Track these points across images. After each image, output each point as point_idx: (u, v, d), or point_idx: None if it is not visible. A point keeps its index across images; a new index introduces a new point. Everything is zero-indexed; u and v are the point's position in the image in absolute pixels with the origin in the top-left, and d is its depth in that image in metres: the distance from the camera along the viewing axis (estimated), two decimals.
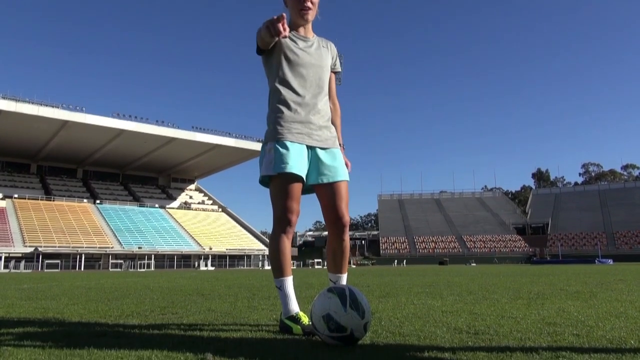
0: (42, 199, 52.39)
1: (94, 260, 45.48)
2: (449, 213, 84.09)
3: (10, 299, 4.67)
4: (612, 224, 71.19)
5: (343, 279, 2.41)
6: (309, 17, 2.38)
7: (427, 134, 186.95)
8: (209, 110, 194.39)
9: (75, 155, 58.38)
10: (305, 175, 2.31)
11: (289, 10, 2.41)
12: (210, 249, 51.89)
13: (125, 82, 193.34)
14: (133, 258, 46.98)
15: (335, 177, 2.34)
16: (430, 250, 73.02)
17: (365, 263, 66.62)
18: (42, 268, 40.37)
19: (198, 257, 51.32)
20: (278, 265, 2.27)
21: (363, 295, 1.94)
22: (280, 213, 2.25)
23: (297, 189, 2.26)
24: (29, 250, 41.50)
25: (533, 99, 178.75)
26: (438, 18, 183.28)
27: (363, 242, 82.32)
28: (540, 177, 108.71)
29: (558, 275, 9.74)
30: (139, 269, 42.32)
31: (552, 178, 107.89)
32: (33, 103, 47.00)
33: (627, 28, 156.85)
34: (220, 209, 66.02)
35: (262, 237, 60.58)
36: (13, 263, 40.07)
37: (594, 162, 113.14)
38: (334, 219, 2.33)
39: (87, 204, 54.53)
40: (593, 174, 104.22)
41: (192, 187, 70.77)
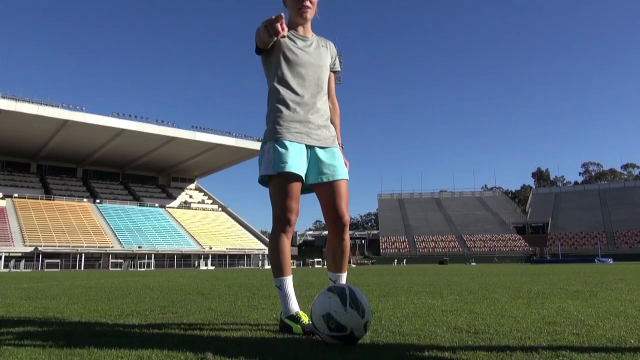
0: (42, 199, 52.40)
1: (94, 260, 45.50)
2: (449, 212, 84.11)
3: (11, 299, 4.67)
4: (612, 224, 71.22)
5: (343, 278, 2.41)
6: (308, 16, 2.38)
7: (427, 134, 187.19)
8: (209, 110, 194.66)
9: (75, 155, 58.39)
10: (305, 175, 2.30)
11: (288, 10, 2.41)
12: (210, 249, 51.91)
13: (125, 81, 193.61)
14: (133, 257, 47.01)
15: (335, 176, 2.33)
16: (430, 250, 73.03)
17: (365, 262, 66.60)
18: (42, 267, 40.41)
19: (198, 256, 51.35)
20: (278, 265, 2.27)
21: (363, 295, 1.94)
22: (280, 212, 2.25)
23: (296, 189, 2.26)
24: (29, 250, 41.53)
25: (533, 99, 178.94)
26: (438, 18, 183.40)
27: (363, 241, 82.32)
28: (540, 176, 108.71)
29: (558, 275, 9.74)
30: (139, 269, 42.36)
31: (552, 177, 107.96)
32: (33, 102, 46.99)
33: (627, 28, 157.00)
34: (220, 209, 66.03)
35: (262, 236, 60.59)
36: (13, 262, 40.10)
37: (594, 161, 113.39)
38: (334, 218, 2.32)
39: (87, 204, 54.55)
40: (593, 174, 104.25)
41: (192, 186, 70.79)
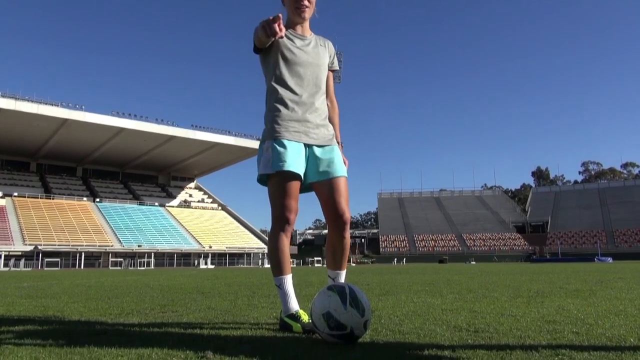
0: (41, 198, 52.36)
1: (94, 259, 45.50)
2: (449, 211, 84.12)
3: (11, 297, 4.68)
4: (611, 222, 71.25)
5: (342, 276, 2.41)
6: (306, 15, 2.38)
7: (426, 132, 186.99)
8: (209, 109, 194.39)
9: (75, 154, 58.34)
10: (304, 174, 2.30)
11: (286, 9, 2.41)
12: (210, 247, 51.92)
13: (125, 80, 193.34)
14: (133, 256, 47.02)
15: (334, 173, 2.33)
16: (430, 249, 73.08)
17: (365, 261, 66.62)
18: (42, 266, 40.43)
19: (198, 255, 51.35)
20: (277, 264, 2.27)
21: (363, 294, 1.94)
22: (279, 211, 2.25)
23: (295, 187, 2.26)
24: (29, 249, 41.54)
25: (533, 97, 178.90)
26: (438, 15, 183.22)
27: (363, 240, 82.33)
28: (540, 175, 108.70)
29: (557, 274, 9.75)
30: (139, 267, 42.38)
31: (551, 176, 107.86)
32: (32, 101, 46.94)
33: (627, 26, 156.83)
34: (220, 207, 66.01)
35: (261, 235, 60.59)
36: (13, 261, 40.08)
37: (594, 160, 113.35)
38: (335, 216, 2.31)
39: (86, 202, 54.53)
40: (593, 172, 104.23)
41: (191, 185, 70.76)
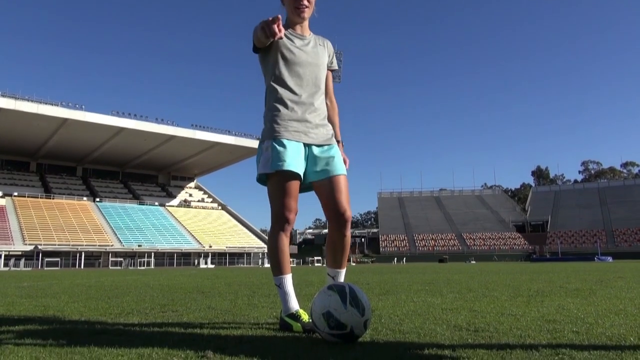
0: (41, 197, 52.35)
1: (94, 258, 45.50)
2: (449, 211, 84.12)
3: (11, 297, 4.67)
4: (611, 222, 71.24)
5: (342, 274, 2.41)
6: (305, 15, 2.38)
7: (426, 132, 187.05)
8: (209, 108, 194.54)
9: (75, 153, 58.32)
10: (303, 174, 2.30)
11: (286, 8, 2.40)
12: (210, 247, 51.93)
13: (125, 80, 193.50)
14: (133, 256, 47.02)
15: (333, 171, 2.33)
16: (430, 248, 73.08)
17: (365, 261, 66.64)
18: (42, 266, 40.43)
19: (198, 254, 51.35)
20: (277, 263, 2.27)
21: (363, 293, 1.94)
22: (278, 211, 2.25)
23: (294, 187, 2.26)
24: (29, 249, 41.54)
25: (533, 97, 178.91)
26: (437, 15, 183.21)
27: (363, 239, 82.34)
28: (540, 174, 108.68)
29: (557, 273, 9.75)
30: (139, 267, 42.38)
31: (551, 176, 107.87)
32: (32, 101, 46.93)
33: (627, 26, 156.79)
34: (220, 207, 66.01)
35: (261, 234, 60.59)
36: (13, 261, 40.08)
37: (594, 159, 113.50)
38: (336, 215, 2.31)
39: (86, 202, 54.53)
40: (593, 172, 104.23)
41: (191, 185, 70.76)
